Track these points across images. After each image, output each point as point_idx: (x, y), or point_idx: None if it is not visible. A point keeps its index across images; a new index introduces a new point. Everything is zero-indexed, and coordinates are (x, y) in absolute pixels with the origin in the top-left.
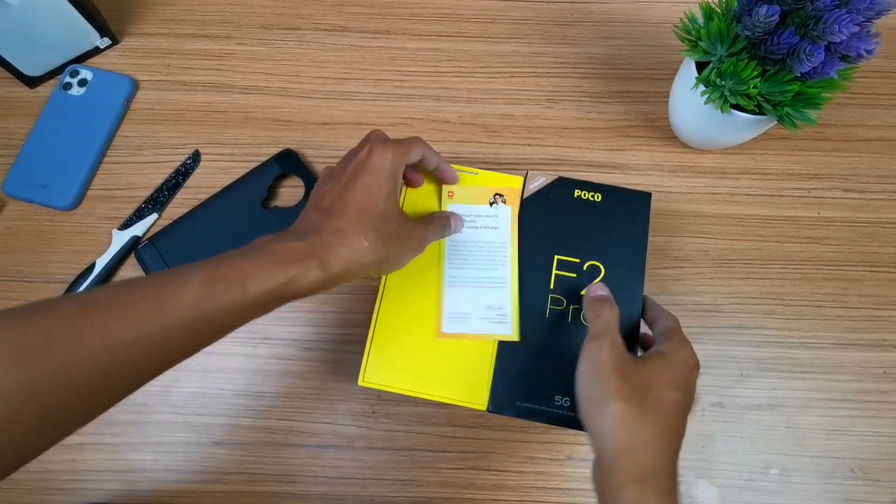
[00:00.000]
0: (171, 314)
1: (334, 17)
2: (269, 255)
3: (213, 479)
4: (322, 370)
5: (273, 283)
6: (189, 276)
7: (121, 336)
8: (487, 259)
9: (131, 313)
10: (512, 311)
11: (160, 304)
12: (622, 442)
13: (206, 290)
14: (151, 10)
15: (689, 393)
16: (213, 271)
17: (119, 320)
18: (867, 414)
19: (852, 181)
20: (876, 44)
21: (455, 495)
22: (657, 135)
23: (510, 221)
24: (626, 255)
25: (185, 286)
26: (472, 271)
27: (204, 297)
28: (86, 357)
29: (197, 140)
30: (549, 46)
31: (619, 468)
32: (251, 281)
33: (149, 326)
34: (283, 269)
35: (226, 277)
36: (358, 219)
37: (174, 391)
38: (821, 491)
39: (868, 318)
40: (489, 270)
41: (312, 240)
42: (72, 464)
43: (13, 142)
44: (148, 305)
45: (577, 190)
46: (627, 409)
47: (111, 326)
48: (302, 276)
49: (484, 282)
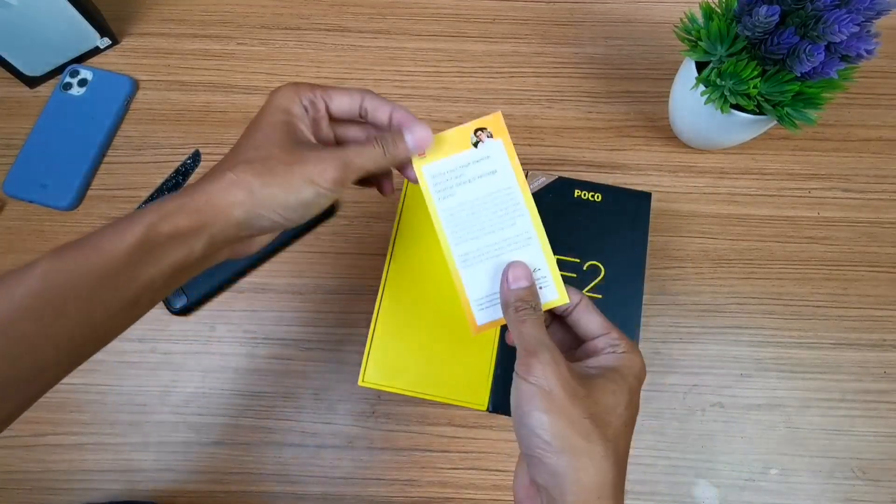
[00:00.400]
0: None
1: (334, 17)
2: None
3: (213, 479)
4: (322, 370)
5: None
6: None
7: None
8: (498, 215)
9: (86, 248)
10: (550, 270)
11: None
12: (579, 485)
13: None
14: (151, 10)
15: (637, 407)
16: (159, 208)
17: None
18: (867, 414)
19: (852, 181)
20: (876, 44)
21: (455, 495)
22: (657, 135)
23: (507, 157)
24: (626, 255)
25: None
26: (486, 237)
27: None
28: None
29: (197, 140)
30: (549, 46)
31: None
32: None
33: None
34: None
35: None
36: (228, 157)
37: (174, 391)
38: (821, 491)
39: (868, 318)
40: (505, 229)
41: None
42: (72, 464)
43: (13, 142)
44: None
45: (577, 190)
46: (589, 447)
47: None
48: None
49: (504, 245)
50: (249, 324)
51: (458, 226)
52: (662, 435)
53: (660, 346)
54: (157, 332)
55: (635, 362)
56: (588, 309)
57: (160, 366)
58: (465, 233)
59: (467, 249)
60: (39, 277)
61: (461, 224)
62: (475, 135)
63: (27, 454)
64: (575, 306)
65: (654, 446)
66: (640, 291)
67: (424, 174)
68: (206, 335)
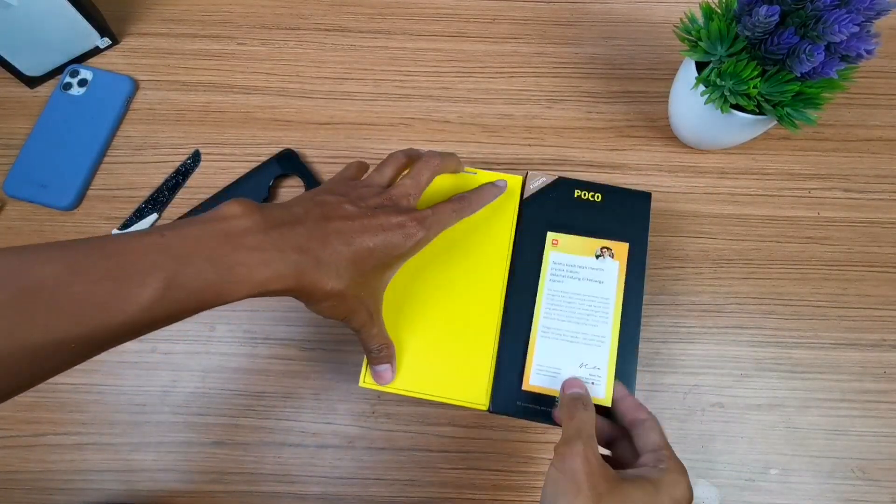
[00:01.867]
0: (120, 316)
1: (334, 17)
2: (241, 270)
3: (213, 479)
4: (322, 370)
5: (235, 299)
6: (148, 274)
7: (59, 335)
8: (588, 314)
9: (77, 310)
10: (607, 374)
11: (109, 306)
12: None
13: (164, 295)
14: (151, 10)
15: None
16: (175, 276)
17: (60, 318)
18: (867, 414)
19: (852, 181)
20: (876, 44)
21: (455, 495)
22: (657, 135)
23: (617, 277)
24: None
25: (143, 287)
26: (569, 324)
27: (160, 301)
28: (19, 351)
29: (197, 140)
30: (549, 46)
31: None
32: (211, 295)
33: (92, 326)
34: (249, 287)
35: (187, 287)
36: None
37: (174, 391)
38: (821, 491)
39: (868, 318)
40: (588, 326)
41: (292, 259)
42: (72, 464)
43: (13, 142)
44: (97, 304)
45: (577, 190)
46: None
47: (51, 324)
48: (265, 294)
49: (580, 337)
50: (249, 324)
51: (553, 305)
52: None
53: (660, 346)
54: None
55: (677, 482)
56: (650, 427)
57: (160, 366)
58: (556, 313)
59: (550, 325)
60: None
61: (556, 305)
62: (601, 250)
63: (27, 454)
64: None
65: None
66: (641, 291)
67: (550, 257)
68: (206, 335)
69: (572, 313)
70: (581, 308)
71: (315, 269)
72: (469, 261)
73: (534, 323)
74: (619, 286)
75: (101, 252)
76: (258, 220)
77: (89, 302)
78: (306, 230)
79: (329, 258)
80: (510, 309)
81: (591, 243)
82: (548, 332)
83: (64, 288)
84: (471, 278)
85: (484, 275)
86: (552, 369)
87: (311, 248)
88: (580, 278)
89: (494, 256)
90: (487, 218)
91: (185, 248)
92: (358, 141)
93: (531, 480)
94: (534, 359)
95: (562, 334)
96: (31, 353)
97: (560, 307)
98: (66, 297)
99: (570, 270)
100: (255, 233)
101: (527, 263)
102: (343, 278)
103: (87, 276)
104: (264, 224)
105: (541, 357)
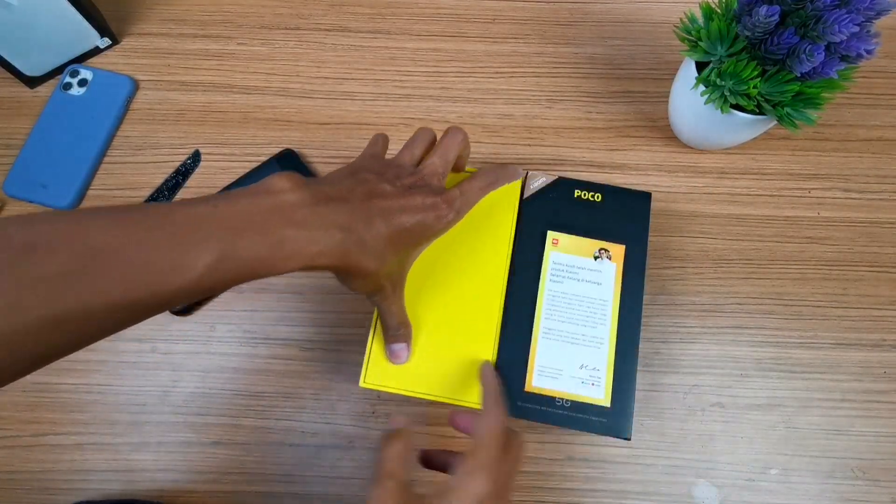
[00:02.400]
0: (175, 283)
1: (334, 17)
2: (291, 245)
3: (213, 479)
4: (322, 370)
5: (284, 271)
6: (203, 245)
7: (115, 299)
8: (586, 315)
9: (134, 276)
10: (606, 375)
11: (166, 272)
12: None
13: (217, 266)
14: (151, 10)
15: None
16: (230, 249)
17: (121, 283)
18: (867, 414)
19: (852, 181)
20: (876, 44)
21: None
22: (657, 135)
23: (614, 279)
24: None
25: (197, 258)
26: (569, 326)
27: (213, 271)
28: (81, 313)
29: (197, 140)
30: (549, 46)
31: None
32: (262, 267)
33: (147, 291)
34: (299, 261)
35: (240, 258)
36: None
37: (174, 391)
38: (821, 491)
39: (868, 318)
40: (586, 328)
41: (338, 238)
42: (72, 464)
43: (13, 142)
44: (153, 271)
45: (577, 190)
46: None
47: (111, 289)
48: (311, 268)
49: (579, 339)
50: (249, 324)
51: (554, 306)
52: (662, 435)
53: (660, 346)
54: (157, 332)
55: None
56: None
57: (160, 366)
58: (557, 314)
59: (551, 326)
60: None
61: (556, 306)
62: (599, 251)
63: (27, 454)
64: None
65: (654, 446)
66: (640, 292)
67: (550, 257)
68: (206, 335)
69: (572, 314)
70: (580, 309)
71: (359, 249)
72: (469, 260)
73: (535, 324)
74: (616, 288)
75: (157, 220)
76: (306, 196)
77: (145, 269)
78: (350, 209)
79: (371, 239)
80: (510, 309)
81: (589, 244)
82: (549, 334)
83: (121, 254)
84: (471, 278)
85: (484, 274)
86: (554, 370)
87: (355, 228)
88: (579, 279)
89: (494, 256)
90: (488, 216)
91: (237, 221)
92: (358, 141)
93: (531, 480)
94: (536, 360)
95: (562, 335)
96: (86, 315)
97: (560, 308)
98: (122, 262)
99: (569, 271)
100: (302, 207)
101: (527, 264)
102: (381, 258)
103: (143, 244)
104: (311, 199)
105: (542, 358)
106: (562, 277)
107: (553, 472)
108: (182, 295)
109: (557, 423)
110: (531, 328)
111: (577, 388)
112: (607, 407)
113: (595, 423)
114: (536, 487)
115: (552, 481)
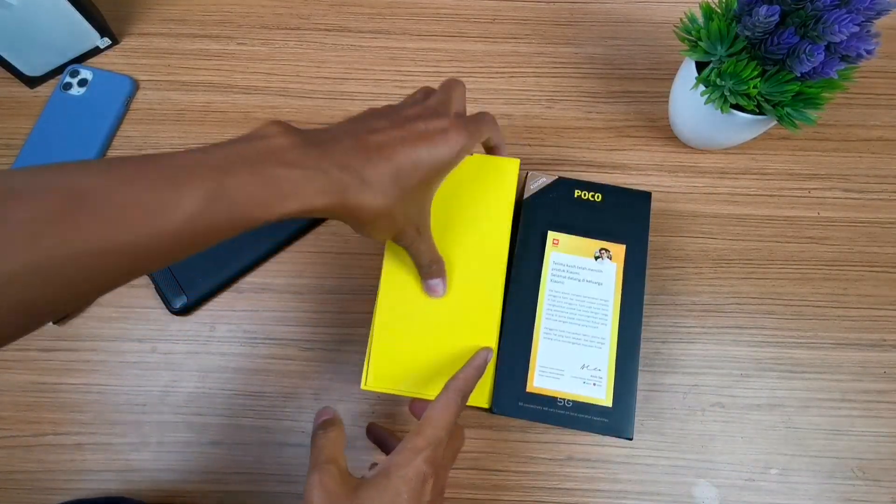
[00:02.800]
0: (166, 224)
1: (334, 17)
2: (284, 184)
3: (213, 479)
4: (322, 370)
5: (281, 214)
6: (192, 183)
7: (107, 242)
8: (587, 315)
9: (121, 217)
10: (608, 375)
11: (155, 213)
12: None
13: (208, 205)
14: (151, 10)
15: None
16: (219, 188)
17: (107, 224)
18: (867, 414)
19: (852, 181)
20: (876, 44)
21: (455, 495)
22: (657, 135)
23: (615, 279)
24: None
25: (188, 196)
26: (571, 326)
27: (205, 211)
28: (67, 258)
29: (197, 140)
30: (549, 46)
31: None
32: (259, 209)
33: (138, 234)
34: (296, 202)
35: (232, 198)
36: (392, 184)
37: (174, 391)
38: (821, 491)
39: (868, 318)
40: (588, 328)
41: (335, 176)
42: (72, 464)
43: (13, 142)
44: (142, 212)
45: (577, 190)
46: None
47: (98, 231)
48: (310, 211)
49: (581, 339)
50: (249, 324)
51: (555, 307)
52: (662, 435)
53: (660, 346)
54: (157, 332)
55: (406, 467)
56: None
57: (160, 366)
58: (558, 314)
59: (553, 327)
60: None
61: (558, 306)
62: (599, 251)
63: (27, 454)
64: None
65: (654, 446)
66: (641, 291)
67: (551, 257)
68: (206, 335)
69: (573, 315)
70: (581, 310)
71: (359, 186)
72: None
73: (536, 324)
74: (617, 288)
75: (145, 165)
76: (297, 139)
77: (134, 209)
78: (346, 147)
79: (372, 176)
80: (512, 310)
81: (590, 244)
82: (550, 334)
83: (107, 196)
84: (471, 278)
85: (484, 275)
86: (555, 371)
87: (352, 165)
88: (580, 279)
89: (494, 255)
90: (485, 214)
91: (226, 162)
92: None
93: (531, 480)
94: (537, 360)
95: (564, 336)
96: (72, 261)
97: (561, 308)
98: (111, 204)
99: (570, 271)
100: (294, 148)
101: (528, 264)
102: (389, 195)
103: (131, 185)
104: (303, 142)
105: (544, 359)
106: (562, 278)
107: (553, 472)
108: (178, 240)
109: (559, 424)
110: (532, 328)
111: (579, 388)
112: (609, 407)
113: (597, 424)
114: (536, 487)
115: (552, 481)
